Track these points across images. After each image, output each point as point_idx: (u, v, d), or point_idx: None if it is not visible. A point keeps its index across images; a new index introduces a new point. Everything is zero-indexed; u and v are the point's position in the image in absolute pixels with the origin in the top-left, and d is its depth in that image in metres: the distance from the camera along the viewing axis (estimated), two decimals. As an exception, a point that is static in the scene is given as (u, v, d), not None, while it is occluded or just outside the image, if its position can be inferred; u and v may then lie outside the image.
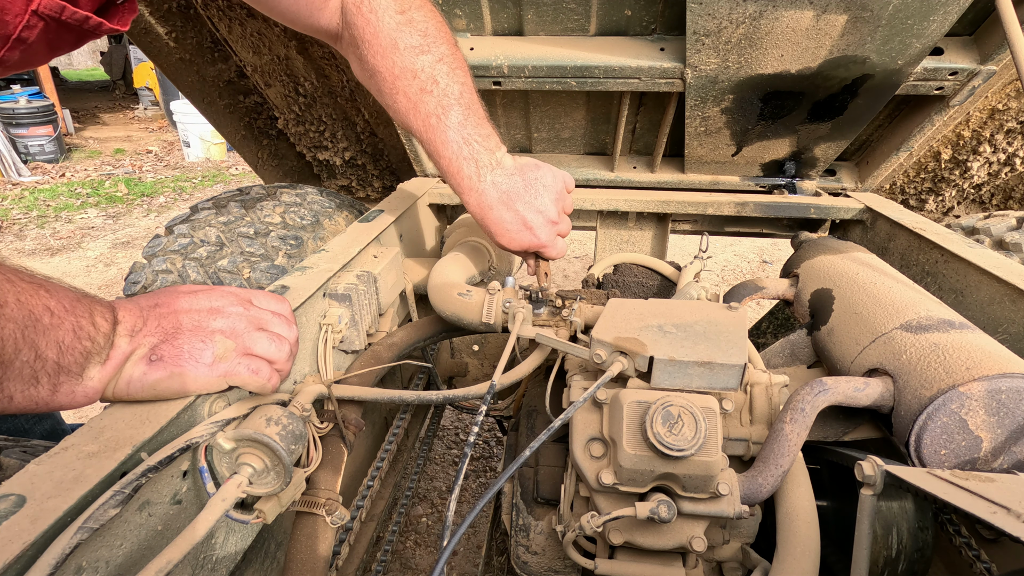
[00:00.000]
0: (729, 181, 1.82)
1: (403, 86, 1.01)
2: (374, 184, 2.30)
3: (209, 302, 0.75)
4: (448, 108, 1.02)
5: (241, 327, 0.74)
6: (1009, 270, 1.09)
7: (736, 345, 0.83)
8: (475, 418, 0.83)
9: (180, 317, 0.71)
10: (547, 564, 0.99)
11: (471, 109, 1.04)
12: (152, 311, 0.71)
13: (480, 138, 1.04)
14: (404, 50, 0.99)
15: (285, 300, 0.86)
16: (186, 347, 0.69)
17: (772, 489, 0.80)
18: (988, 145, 1.75)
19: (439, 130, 1.02)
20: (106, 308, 0.67)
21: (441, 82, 1.01)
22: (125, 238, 5.05)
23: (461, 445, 2.48)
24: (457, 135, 1.03)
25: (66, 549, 0.51)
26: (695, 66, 1.40)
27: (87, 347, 0.62)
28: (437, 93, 1.01)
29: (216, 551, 0.74)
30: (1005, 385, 0.75)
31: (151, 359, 0.67)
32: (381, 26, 0.98)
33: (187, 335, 0.70)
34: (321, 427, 0.91)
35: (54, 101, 7.59)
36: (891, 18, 1.22)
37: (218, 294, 0.77)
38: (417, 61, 1.00)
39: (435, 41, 1.01)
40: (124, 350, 0.67)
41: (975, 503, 0.53)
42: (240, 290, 0.80)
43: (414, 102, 1.02)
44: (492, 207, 1.06)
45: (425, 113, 1.02)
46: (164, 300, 0.73)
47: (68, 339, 0.60)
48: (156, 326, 0.69)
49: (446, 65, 1.02)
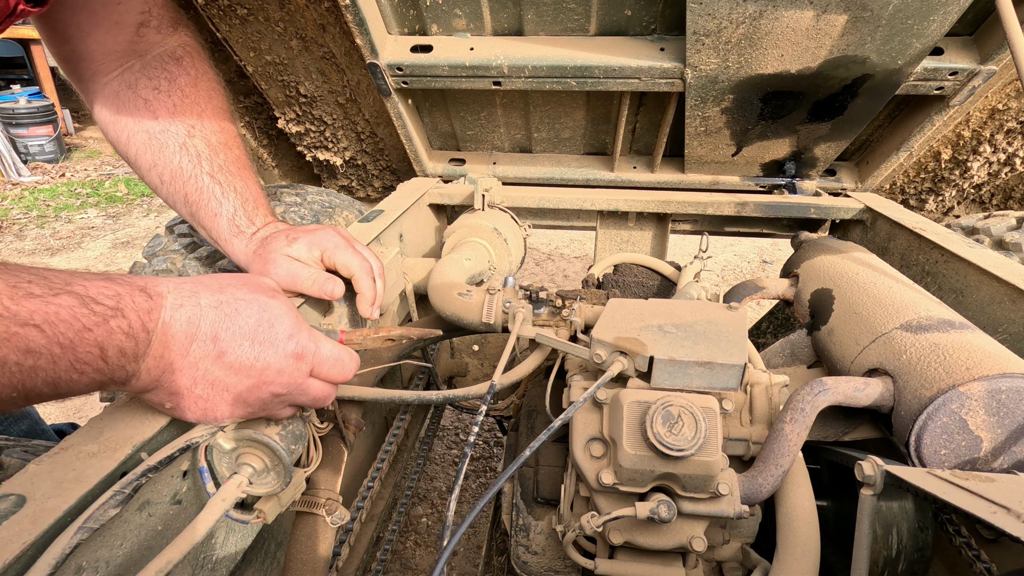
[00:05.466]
0: (729, 181, 1.82)
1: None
2: (374, 184, 2.30)
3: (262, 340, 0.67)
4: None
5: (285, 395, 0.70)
6: (1009, 270, 1.09)
7: (736, 345, 0.83)
8: (475, 418, 0.83)
9: (229, 370, 0.65)
10: (547, 564, 0.99)
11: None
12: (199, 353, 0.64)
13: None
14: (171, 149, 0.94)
15: (353, 359, 0.77)
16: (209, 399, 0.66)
17: (772, 489, 0.80)
18: (988, 145, 1.75)
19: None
20: (131, 338, 0.58)
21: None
22: (125, 238, 5.05)
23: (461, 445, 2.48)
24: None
25: (66, 549, 0.51)
26: (695, 66, 1.40)
27: (91, 381, 0.56)
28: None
29: (216, 551, 0.74)
30: (1005, 385, 0.75)
31: (166, 406, 0.65)
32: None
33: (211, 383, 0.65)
34: (321, 427, 0.91)
35: (54, 101, 7.58)
36: (891, 18, 1.22)
37: (283, 336, 0.68)
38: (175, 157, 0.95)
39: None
40: (143, 384, 0.62)
41: (975, 503, 0.53)
42: (295, 333, 0.70)
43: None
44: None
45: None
46: (219, 344, 0.65)
47: (64, 378, 0.54)
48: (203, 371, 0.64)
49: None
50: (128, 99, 0.93)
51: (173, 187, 0.94)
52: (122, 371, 0.58)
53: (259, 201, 0.98)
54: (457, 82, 1.56)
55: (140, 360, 0.59)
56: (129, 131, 0.94)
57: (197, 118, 0.95)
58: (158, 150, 0.93)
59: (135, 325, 0.58)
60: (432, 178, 1.94)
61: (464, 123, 1.83)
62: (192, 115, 0.95)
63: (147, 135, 0.93)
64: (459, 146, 1.95)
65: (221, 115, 0.99)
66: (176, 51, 0.97)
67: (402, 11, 1.52)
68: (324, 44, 1.64)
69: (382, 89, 1.59)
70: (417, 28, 1.57)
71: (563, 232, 4.89)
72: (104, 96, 0.94)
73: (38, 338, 0.50)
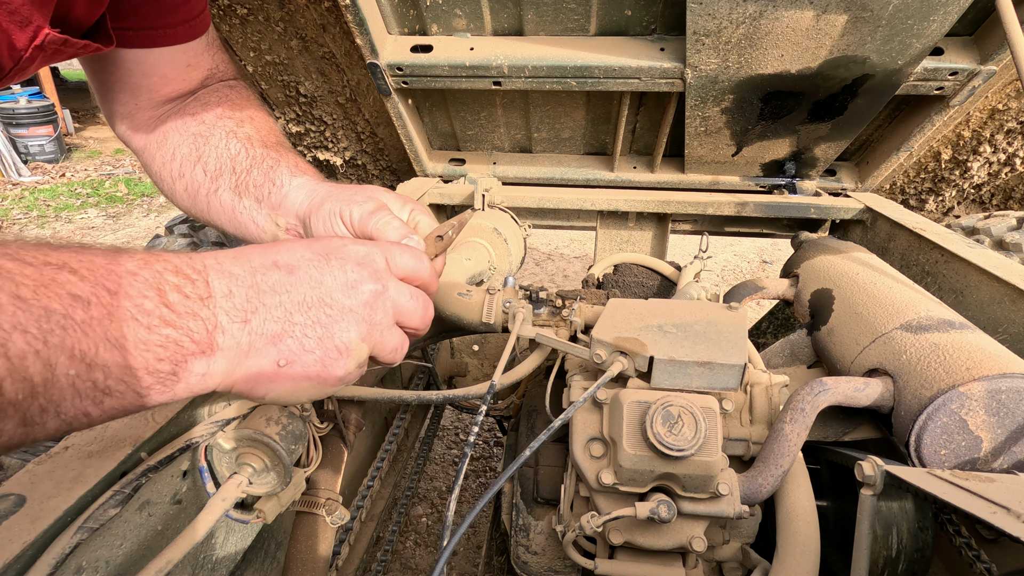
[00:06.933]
0: (729, 181, 1.82)
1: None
2: (374, 184, 2.30)
3: (344, 275, 0.60)
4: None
5: (378, 322, 0.61)
6: (1009, 270, 1.09)
7: (736, 345, 0.83)
8: (475, 418, 0.83)
9: (307, 299, 0.57)
10: (547, 564, 0.99)
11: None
12: (266, 285, 0.56)
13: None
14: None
15: (423, 257, 0.69)
16: (319, 353, 0.57)
17: (772, 489, 0.80)
18: (988, 145, 1.75)
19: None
20: (186, 277, 0.51)
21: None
22: (125, 238, 5.05)
23: (461, 445, 2.48)
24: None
25: (66, 549, 0.51)
26: (695, 66, 1.40)
27: (168, 338, 0.48)
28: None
29: (216, 551, 0.74)
30: (1005, 385, 0.75)
31: (279, 363, 0.55)
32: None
33: (318, 336, 0.57)
34: (321, 427, 0.91)
35: (54, 101, 7.59)
36: (891, 18, 1.22)
37: (352, 263, 0.61)
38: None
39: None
40: (235, 338, 0.53)
41: (975, 503, 0.53)
42: (372, 250, 0.63)
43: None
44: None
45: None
46: (282, 263, 0.57)
47: (130, 333, 0.45)
48: (277, 304, 0.55)
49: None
50: (175, 120, 0.91)
51: (219, 165, 0.87)
52: (196, 319, 0.50)
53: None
54: (457, 82, 1.56)
55: (208, 302, 0.51)
56: (175, 146, 0.90)
57: (248, 119, 0.93)
58: (203, 143, 0.89)
59: (180, 264, 0.51)
60: (432, 178, 1.94)
61: (464, 123, 1.83)
62: (241, 115, 0.93)
63: (192, 137, 0.90)
64: (459, 146, 1.95)
65: (271, 120, 0.98)
66: (229, 82, 0.98)
67: (402, 11, 1.52)
68: (324, 44, 1.64)
69: (382, 89, 1.59)
70: (417, 28, 1.57)
71: (563, 232, 4.89)
72: (152, 130, 0.92)
73: (79, 284, 0.44)
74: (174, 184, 0.91)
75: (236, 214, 0.87)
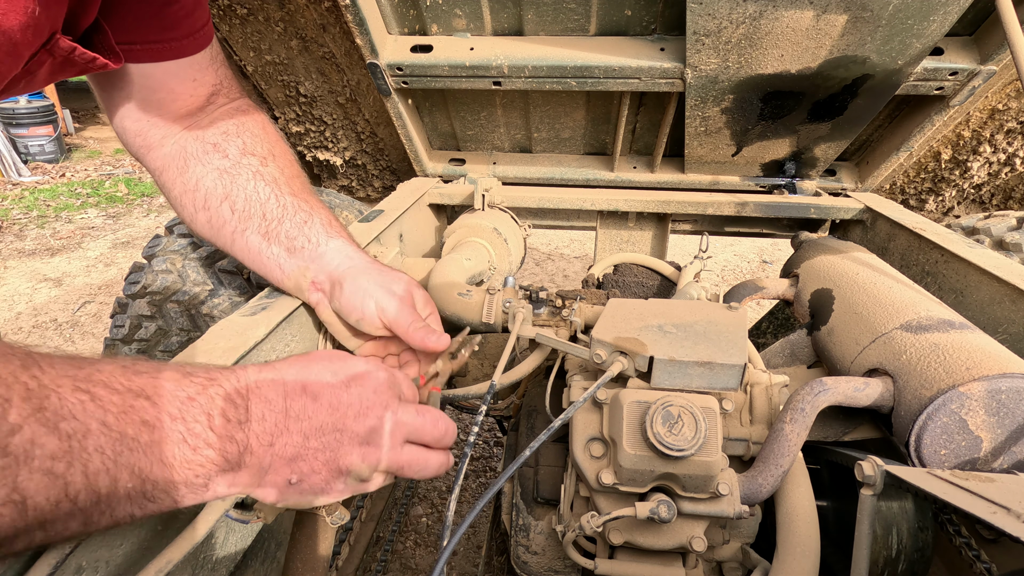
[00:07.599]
0: (729, 181, 1.82)
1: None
2: (374, 184, 2.30)
3: (359, 403, 0.67)
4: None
5: (382, 444, 0.68)
6: (1009, 270, 1.09)
7: (736, 345, 0.83)
8: (475, 418, 0.83)
9: (324, 425, 0.64)
10: (547, 564, 0.99)
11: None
12: (293, 412, 0.63)
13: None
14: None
15: (450, 426, 0.75)
16: (324, 474, 0.64)
17: (772, 489, 0.80)
18: (988, 145, 1.75)
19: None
20: (232, 402, 0.59)
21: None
22: (125, 238, 5.05)
23: (461, 445, 2.48)
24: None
25: (66, 549, 0.51)
26: (695, 66, 1.40)
27: (207, 459, 0.56)
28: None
29: (216, 551, 0.73)
30: (1005, 385, 0.75)
31: (291, 481, 0.63)
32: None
33: (325, 460, 0.64)
34: (321, 427, 0.91)
35: (54, 101, 7.59)
36: (891, 18, 1.22)
37: (370, 390, 0.68)
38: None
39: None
40: (259, 459, 0.60)
41: (975, 503, 0.53)
42: (390, 378, 0.71)
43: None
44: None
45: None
46: (310, 389, 0.65)
47: (179, 454, 0.53)
48: (299, 430, 0.63)
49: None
50: (196, 147, 0.93)
51: (248, 208, 0.92)
52: (232, 443, 0.57)
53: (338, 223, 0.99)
54: (457, 82, 1.56)
55: (245, 426, 0.59)
56: (198, 176, 0.93)
57: (270, 156, 0.97)
58: (230, 181, 0.92)
59: (230, 389, 0.59)
60: (432, 178, 1.94)
61: (464, 123, 1.83)
62: (263, 150, 0.96)
63: (217, 172, 0.93)
64: (459, 146, 1.95)
65: (290, 154, 1.02)
66: (241, 105, 1.00)
67: (402, 11, 1.52)
68: (324, 44, 1.64)
69: (382, 89, 1.59)
70: (417, 28, 1.57)
71: (563, 232, 4.90)
72: (170, 153, 0.94)
73: (150, 409, 0.52)
74: (196, 214, 0.95)
75: (263, 258, 0.94)
